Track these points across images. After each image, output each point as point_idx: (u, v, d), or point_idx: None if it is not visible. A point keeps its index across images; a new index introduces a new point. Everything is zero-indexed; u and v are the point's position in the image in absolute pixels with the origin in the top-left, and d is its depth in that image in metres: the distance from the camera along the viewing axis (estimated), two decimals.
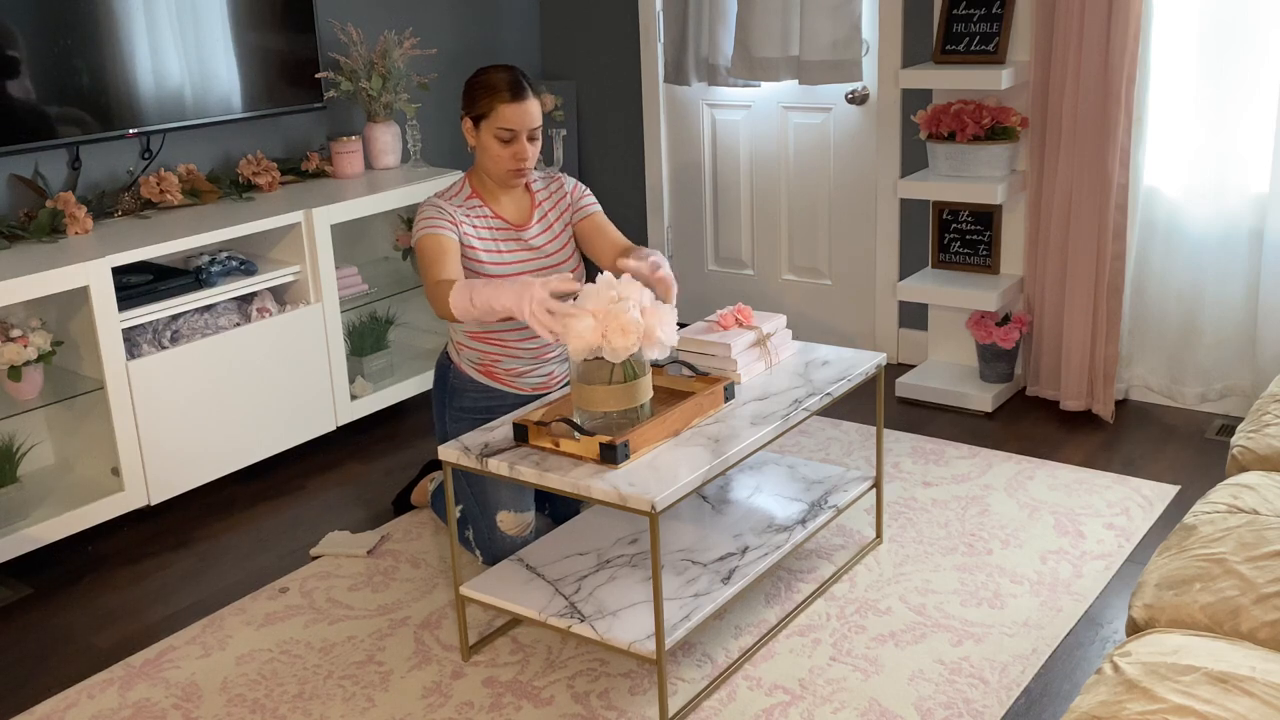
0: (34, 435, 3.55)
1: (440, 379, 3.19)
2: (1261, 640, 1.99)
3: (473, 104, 2.95)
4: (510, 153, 2.94)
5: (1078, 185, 3.88)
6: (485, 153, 2.97)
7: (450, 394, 3.15)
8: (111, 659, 2.95)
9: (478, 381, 3.12)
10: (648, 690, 2.71)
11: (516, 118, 2.91)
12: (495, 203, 3.05)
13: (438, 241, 2.88)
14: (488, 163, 2.99)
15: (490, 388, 3.12)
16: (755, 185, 4.88)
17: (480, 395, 3.12)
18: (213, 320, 3.68)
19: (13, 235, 3.52)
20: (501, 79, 2.92)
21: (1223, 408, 3.99)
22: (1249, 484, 2.43)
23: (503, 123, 2.91)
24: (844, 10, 4.26)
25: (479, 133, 2.95)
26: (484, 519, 3.08)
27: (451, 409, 3.15)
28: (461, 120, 3.00)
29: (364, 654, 2.91)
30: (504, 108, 2.90)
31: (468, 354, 3.12)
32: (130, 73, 3.73)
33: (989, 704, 2.60)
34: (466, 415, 3.10)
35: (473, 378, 3.12)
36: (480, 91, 2.93)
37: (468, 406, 3.12)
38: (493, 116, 2.91)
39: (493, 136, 2.93)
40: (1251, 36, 3.68)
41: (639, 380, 2.61)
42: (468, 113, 2.97)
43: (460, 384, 3.14)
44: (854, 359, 3.10)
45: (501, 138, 2.92)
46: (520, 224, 3.06)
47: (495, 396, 3.12)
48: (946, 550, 3.23)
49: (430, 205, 2.97)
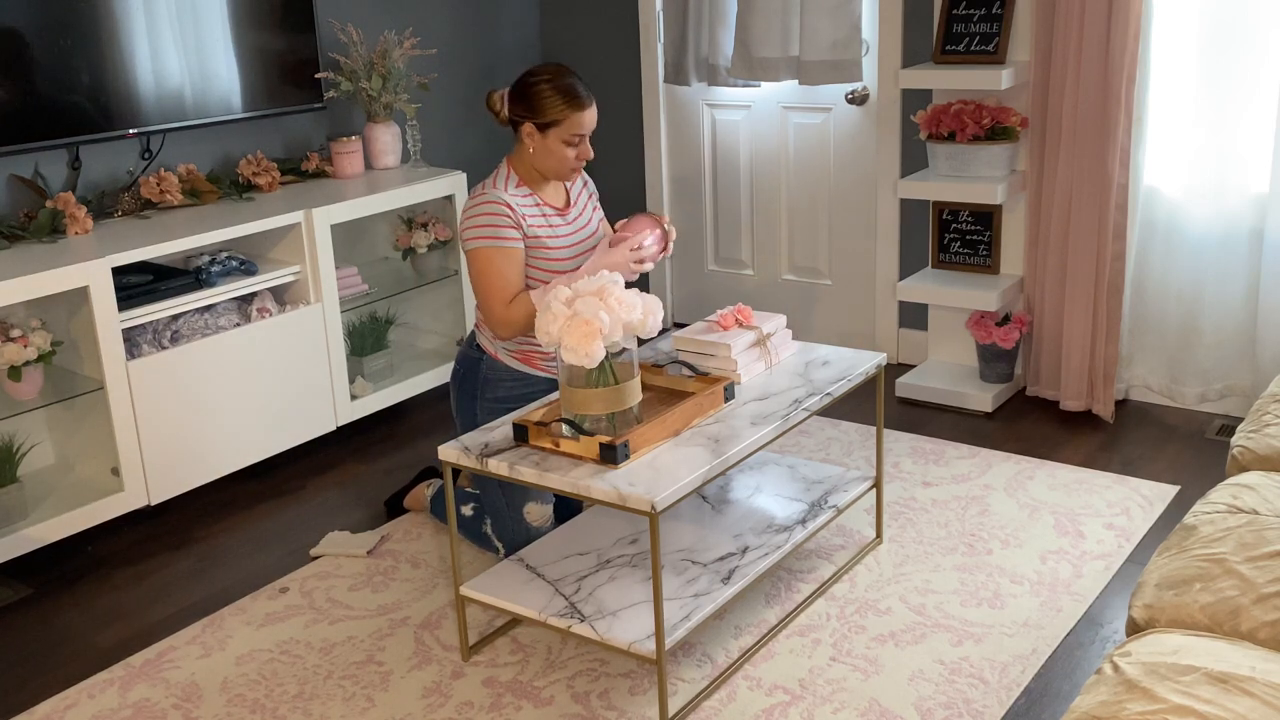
0: (34, 435, 3.55)
1: (469, 372, 3.17)
2: (1261, 640, 1.99)
3: (539, 111, 2.97)
4: (576, 154, 3.03)
5: (1078, 185, 3.88)
6: (549, 155, 3.01)
7: (483, 385, 3.14)
8: (111, 659, 2.95)
9: (515, 369, 3.13)
10: (648, 690, 2.71)
11: (586, 122, 3.00)
12: (540, 190, 3.11)
13: (504, 255, 2.97)
14: (551, 163, 3.03)
15: (527, 374, 3.14)
16: (755, 185, 4.88)
17: (517, 383, 3.13)
18: (213, 320, 3.68)
19: (13, 235, 3.52)
20: (565, 86, 2.97)
21: (1223, 408, 3.99)
22: (1249, 484, 2.43)
23: (576, 129, 2.98)
24: (844, 10, 4.26)
25: (545, 137, 2.99)
26: (510, 511, 3.08)
27: (484, 400, 3.14)
28: (518, 123, 3.01)
29: (364, 654, 2.91)
30: (574, 115, 2.97)
31: (505, 342, 3.12)
32: (130, 73, 3.73)
33: (989, 704, 2.60)
34: (501, 405, 3.10)
35: (510, 366, 3.13)
36: (547, 101, 2.96)
37: (503, 396, 3.12)
38: (564, 125, 2.97)
39: (561, 141, 2.99)
40: (1251, 37, 3.68)
41: (625, 384, 2.61)
42: (533, 118, 2.98)
43: (495, 374, 3.14)
44: (854, 359, 3.10)
45: (571, 142, 3.00)
46: (563, 208, 3.14)
47: (531, 383, 3.13)
48: (946, 550, 3.23)
49: (490, 204, 2.99)
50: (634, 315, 2.57)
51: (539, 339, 2.62)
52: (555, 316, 2.56)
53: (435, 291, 4.39)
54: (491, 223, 2.97)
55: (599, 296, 2.56)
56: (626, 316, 2.56)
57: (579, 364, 2.54)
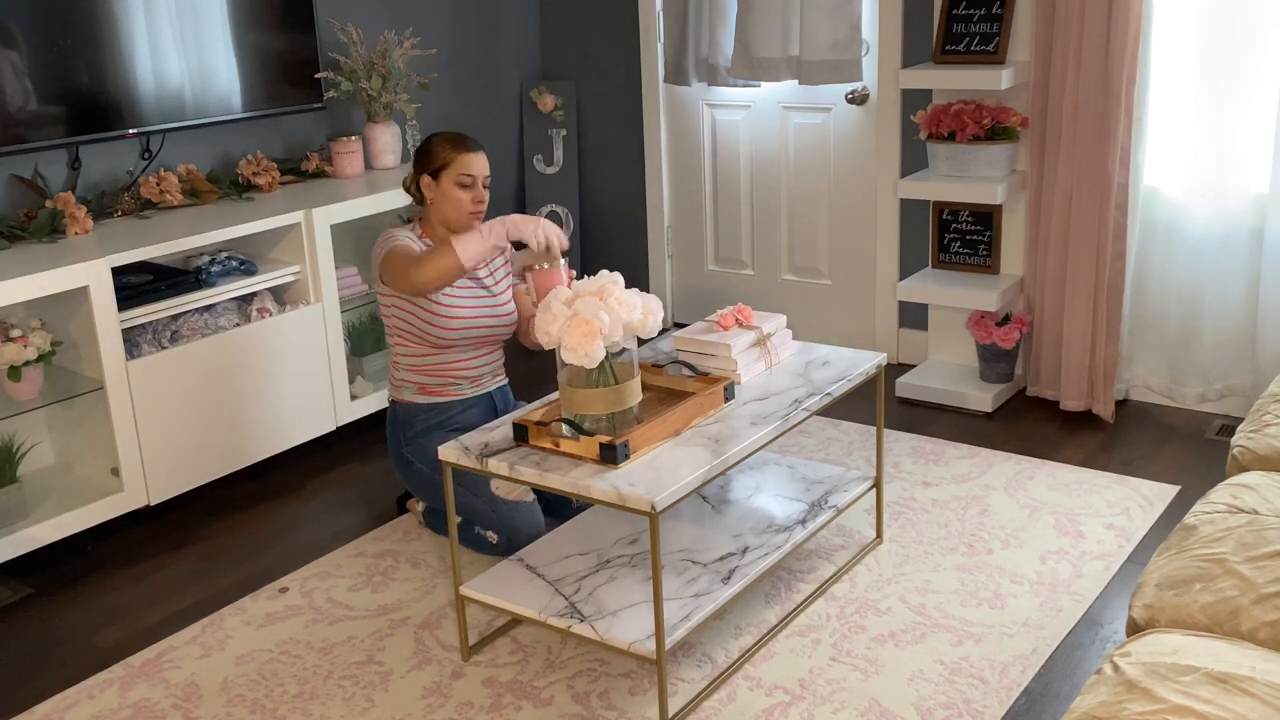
0: (34, 435, 3.55)
1: (391, 424, 3.36)
2: (1261, 640, 1.99)
3: (430, 159, 3.18)
4: (471, 196, 3.17)
5: (1078, 185, 3.88)
6: (446, 200, 3.17)
7: (402, 428, 3.31)
8: (111, 659, 2.95)
9: (421, 403, 3.29)
10: (648, 690, 2.71)
11: (473, 165, 3.18)
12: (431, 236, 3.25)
13: (409, 249, 3.14)
14: (449, 210, 3.17)
15: (435, 404, 3.29)
16: (755, 185, 4.88)
17: (429, 414, 3.28)
18: (213, 320, 3.68)
19: (13, 235, 3.52)
20: (452, 137, 3.20)
21: (1223, 408, 3.99)
22: (1249, 484, 2.43)
23: (463, 169, 3.16)
24: (844, 10, 4.26)
25: (439, 184, 3.17)
26: (482, 498, 3.14)
27: (405, 440, 3.30)
28: (417, 180, 3.21)
29: (364, 654, 2.91)
30: (461, 157, 3.16)
31: (408, 388, 3.29)
32: (130, 73, 3.73)
33: (989, 704, 2.60)
34: (420, 439, 3.27)
35: (415, 402, 3.30)
36: (436, 149, 3.18)
37: (419, 429, 3.28)
38: (453, 165, 3.16)
39: (454, 184, 3.16)
40: (1251, 37, 3.68)
41: (625, 384, 2.61)
42: (425, 169, 3.18)
43: (406, 414, 3.30)
44: (854, 359, 3.10)
45: (462, 183, 3.16)
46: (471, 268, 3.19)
47: (441, 410, 3.29)
48: (946, 550, 3.23)
49: (394, 232, 3.20)
50: (634, 315, 2.58)
51: (539, 339, 2.62)
52: (555, 316, 2.56)
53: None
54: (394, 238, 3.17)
55: (599, 296, 2.56)
56: (626, 316, 2.56)
57: (579, 364, 2.54)
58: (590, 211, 5.28)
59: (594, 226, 5.28)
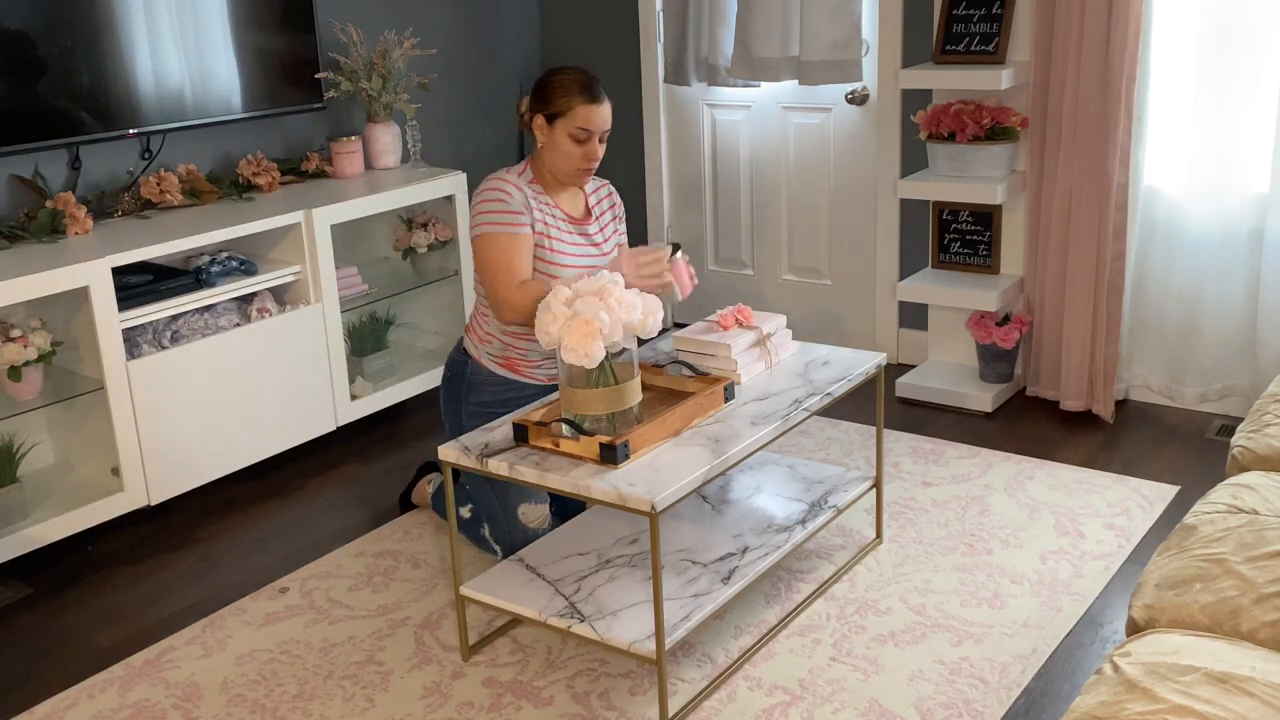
0: (34, 435, 3.55)
1: (455, 375, 3.18)
2: (1261, 640, 1.99)
3: (548, 102, 2.96)
4: (582, 152, 2.98)
5: (1078, 185, 3.88)
6: (556, 150, 2.98)
7: (468, 389, 3.15)
8: (111, 659, 2.95)
9: (497, 375, 3.13)
10: (648, 690, 2.71)
11: (593, 118, 2.95)
12: (556, 196, 3.08)
13: (513, 239, 2.93)
14: (558, 160, 3.00)
15: (509, 380, 3.13)
16: (755, 185, 4.88)
17: (499, 388, 3.13)
18: (213, 320, 3.68)
19: (13, 235, 3.52)
20: (579, 80, 2.95)
21: (1223, 408, 3.99)
22: (1249, 484, 2.43)
23: (580, 123, 2.94)
24: (844, 10, 4.26)
25: (552, 130, 2.96)
26: (504, 514, 3.08)
27: (468, 404, 3.14)
28: (531, 118, 3.00)
29: (364, 654, 2.91)
30: (582, 108, 2.93)
31: (490, 347, 3.13)
32: (130, 73, 3.73)
33: (989, 704, 2.60)
34: (485, 409, 3.10)
35: (493, 371, 3.13)
36: (558, 90, 2.95)
37: (486, 400, 3.12)
38: (570, 116, 2.94)
39: (567, 135, 2.95)
40: (1251, 37, 3.68)
41: (625, 384, 2.61)
42: (541, 110, 2.97)
43: (479, 379, 3.14)
44: (854, 359, 3.10)
45: (577, 137, 2.95)
46: (579, 218, 3.09)
47: (514, 388, 3.13)
48: (946, 550, 3.23)
49: (499, 188, 2.97)
50: (634, 315, 2.57)
51: (539, 339, 2.62)
52: (555, 316, 2.56)
53: (435, 291, 4.39)
54: (501, 207, 2.95)
55: (599, 296, 2.56)
56: (626, 317, 2.56)
57: (579, 364, 2.54)
58: None
59: None
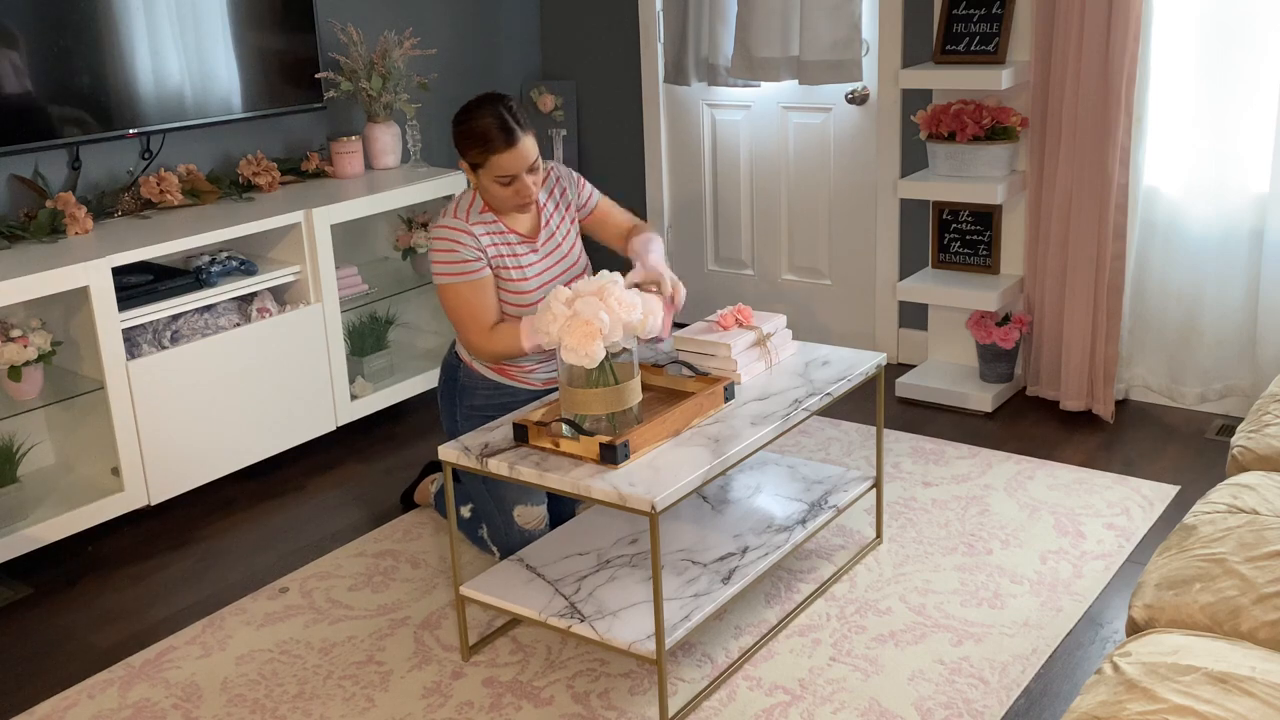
0: (34, 435, 3.55)
1: (449, 379, 3.19)
2: (1261, 640, 1.99)
3: (464, 151, 2.91)
4: (512, 191, 2.92)
5: (1078, 185, 3.88)
6: (488, 191, 2.94)
7: (461, 393, 3.15)
8: (111, 659, 2.95)
9: (489, 379, 3.12)
10: (648, 690, 2.71)
11: (511, 164, 2.87)
12: (507, 217, 3.03)
13: (473, 288, 2.93)
14: (494, 199, 2.96)
15: (502, 384, 3.12)
16: (755, 185, 4.88)
17: (493, 392, 3.12)
18: (213, 320, 3.68)
19: (13, 235, 3.52)
20: (489, 125, 2.85)
21: (1223, 408, 3.99)
22: (1249, 484, 2.43)
23: (499, 171, 2.88)
24: (844, 10, 4.26)
25: (478, 176, 2.93)
26: (500, 515, 3.08)
27: (463, 408, 3.15)
28: (459, 161, 2.96)
29: (364, 654, 2.91)
30: (496, 158, 2.86)
31: None
32: (130, 73, 3.73)
33: (989, 704, 2.60)
34: (478, 413, 3.10)
35: (485, 375, 3.12)
36: (470, 142, 2.88)
37: (479, 404, 3.12)
38: (488, 166, 2.88)
39: (493, 181, 2.91)
40: (1251, 36, 3.68)
41: (625, 384, 2.61)
42: (462, 156, 2.93)
43: (471, 382, 3.14)
44: (854, 359, 3.10)
45: (501, 182, 2.90)
46: (532, 234, 3.06)
47: (507, 393, 3.12)
48: (946, 550, 3.23)
49: (452, 237, 2.93)
50: (634, 316, 2.58)
51: (540, 339, 2.62)
52: (555, 317, 2.56)
53: (435, 291, 4.38)
54: (455, 256, 2.92)
55: (599, 297, 2.56)
56: (626, 317, 2.56)
57: (579, 364, 2.54)
58: None
59: None
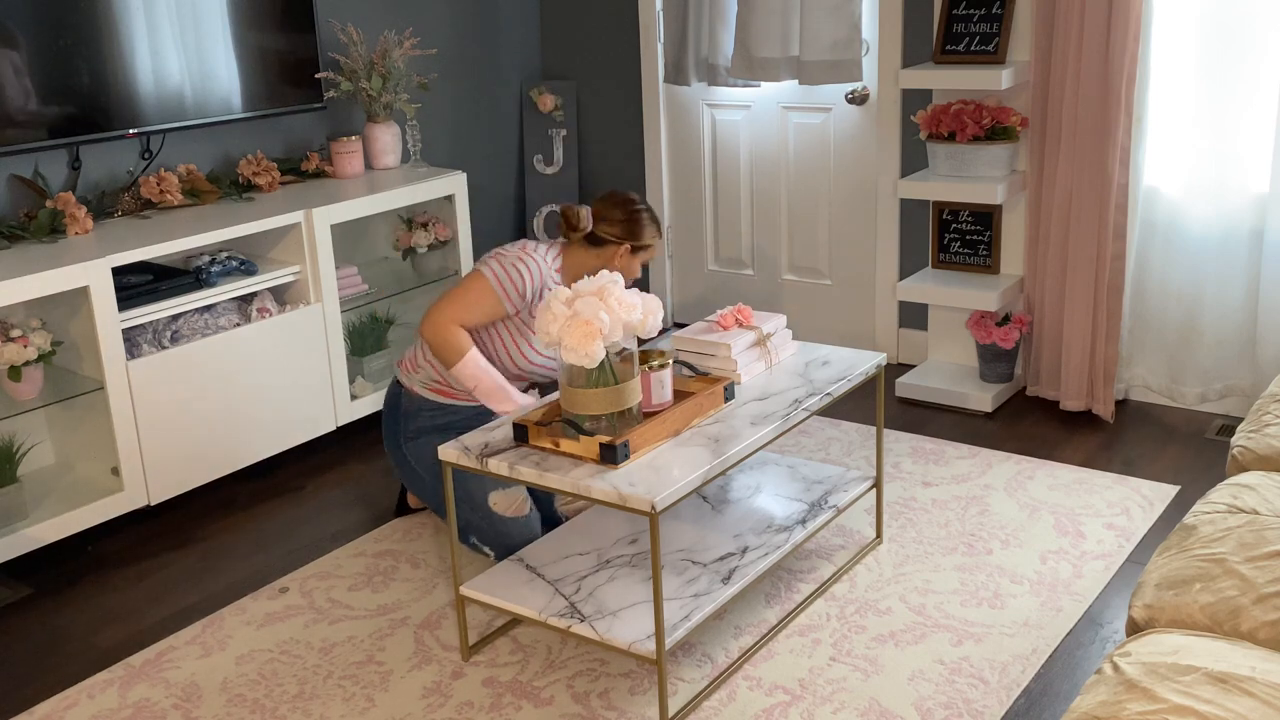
0: (34, 435, 3.55)
1: (392, 407, 3.30)
2: (1261, 640, 1.99)
3: (639, 236, 3.21)
4: (632, 271, 3.25)
5: (1078, 185, 3.88)
6: (626, 269, 3.22)
7: (404, 418, 3.26)
8: (111, 659, 2.95)
9: (430, 400, 3.24)
10: (648, 690, 2.71)
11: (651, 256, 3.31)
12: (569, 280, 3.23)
13: (493, 301, 3.09)
14: (620, 271, 3.16)
15: (443, 404, 3.24)
16: (755, 185, 4.88)
17: (435, 413, 3.24)
18: (213, 320, 3.68)
19: (13, 235, 3.52)
20: (653, 215, 3.26)
21: (1223, 408, 3.99)
22: (1249, 484, 2.43)
23: (650, 256, 3.28)
24: (844, 10, 4.26)
25: (633, 258, 3.23)
26: (478, 512, 3.10)
27: (407, 433, 3.25)
28: (618, 244, 3.19)
29: (364, 654, 2.91)
30: (657, 241, 3.28)
31: (421, 376, 3.24)
32: (130, 73, 3.73)
33: (989, 704, 2.60)
34: (422, 434, 3.23)
35: (425, 397, 3.24)
36: (648, 228, 3.22)
37: (424, 426, 3.24)
38: (650, 249, 3.25)
39: (638, 262, 3.25)
40: (1251, 37, 3.68)
41: (625, 384, 2.61)
42: (632, 241, 3.20)
43: (413, 406, 3.25)
44: (854, 359, 3.10)
45: (643, 259, 3.26)
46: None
47: (449, 411, 3.24)
48: (946, 550, 3.23)
49: (529, 265, 3.13)
50: (634, 315, 2.58)
51: (539, 338, 2.63)
52: (555, 317, 2.56)
53: (435, 291, 4.38)
54: (516, 276, 3.09)
55: (599, 296, 2.56)
56: (626, 317, 2.56)
57: (579, 364, 2.54)
58: None
59: None
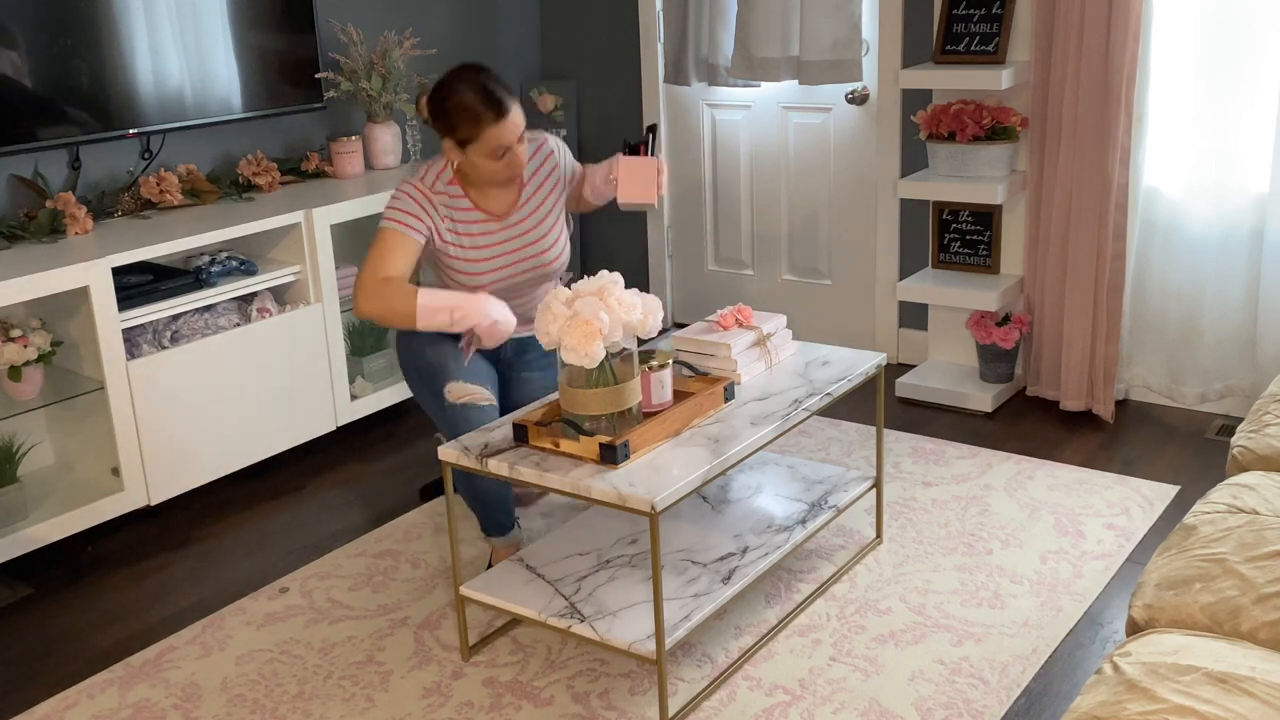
0: (34, 435, 3.55)
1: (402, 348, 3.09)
2: (1261, 640, 1.99)
3: (453, 128, 2.81)
4: (505, 164, 2.88)
5: (1078, 185, 3.88)
6: (477, 169, 2.88)
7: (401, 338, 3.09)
8: (111, 659, 2.95)
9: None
10: (648, 690, 2.71)
11: (504, 135, 2.80)
12: (479, 194, 2.98)
13: (400, 240, 2.88)
14: (483, 174, 2.91)
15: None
16: (755, 185, 4.88)
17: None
18: (213, 320, 3.68)
19: (13, 235, 3.52)
20: (475, 99, 2.78)
21: (1223, 408, 3.99)
22: (1249, 484, 2.43)
23: (492, 144, 2.81)
24: (844, 10, 4.26)
25: (466, 153, 2.84)
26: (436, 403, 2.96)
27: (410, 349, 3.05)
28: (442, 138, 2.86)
29: (364, 654, 2.91)
30: (490, 129, 2.79)
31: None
32: (130, 73, 3.73)
33: (989, 704, 2.60)
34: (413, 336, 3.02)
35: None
36: (458, 119, 2.80)
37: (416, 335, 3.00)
38: (481, 141, 2.81)
39: (484, 157, 2.84)
40: (1251, 37, 3.68)
41: (625, 384, 2.61)
42: (448, 135, 2.83)
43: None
44: (854, 359, 3.10)
45: (494, 155, 2.84)
46: (502, 214, 3.01)
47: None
48: (946, 550, 3.23)
49: (408, 194, 2.91)
50: (634, 315, 2.58)
51: (541, 338, 2.63)
52: (555, 317, 2.56)
53: None
54: (403, 206, 2.90)
55: (599, 297, 2.56)
56: (626, 317, 2.56)
57: (579, 364, 2.54)
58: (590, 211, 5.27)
59: (594, 226, 5.28)
